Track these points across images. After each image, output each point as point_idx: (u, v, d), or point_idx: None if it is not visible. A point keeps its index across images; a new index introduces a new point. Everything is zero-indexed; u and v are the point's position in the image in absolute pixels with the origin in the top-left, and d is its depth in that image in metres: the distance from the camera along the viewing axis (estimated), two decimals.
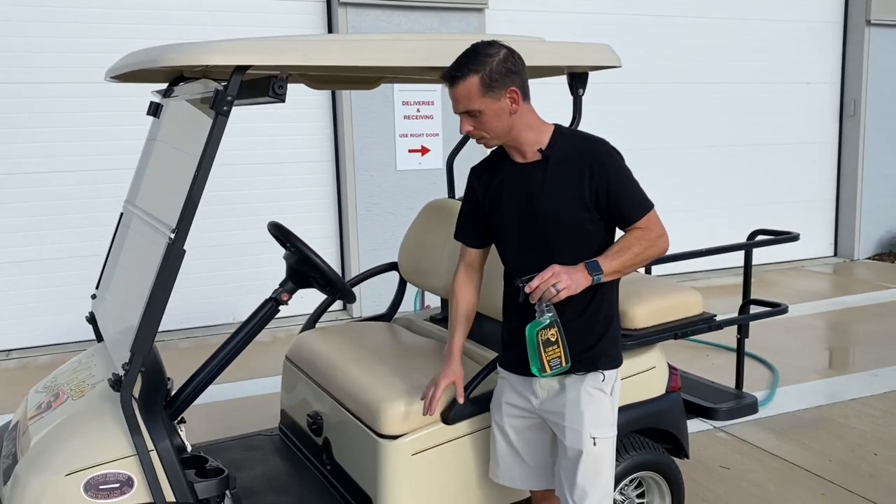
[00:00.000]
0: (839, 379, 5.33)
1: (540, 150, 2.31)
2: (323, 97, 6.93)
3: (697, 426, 4.30)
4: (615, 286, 2.43)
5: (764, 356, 5.60)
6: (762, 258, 8.47)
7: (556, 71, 2.97)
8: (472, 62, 2.17)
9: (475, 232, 2.53)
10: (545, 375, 2.25)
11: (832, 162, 9.47)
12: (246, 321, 2.66)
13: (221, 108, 2.19)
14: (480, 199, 2.47)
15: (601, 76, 3.79)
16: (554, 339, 2.19)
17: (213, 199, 6.20)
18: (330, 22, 6.81)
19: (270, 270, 6.36)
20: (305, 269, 2.70)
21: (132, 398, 2.23)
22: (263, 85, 2.25)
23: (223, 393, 4.95)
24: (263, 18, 6.59)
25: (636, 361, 2.91)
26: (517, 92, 2.21)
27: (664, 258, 3.23)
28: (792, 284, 8.17)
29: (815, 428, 4.43)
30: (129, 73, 2.58)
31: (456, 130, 6.58)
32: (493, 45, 2.22)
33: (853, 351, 6.17)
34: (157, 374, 2.33)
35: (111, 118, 6.21)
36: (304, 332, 3.47)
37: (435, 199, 3.72)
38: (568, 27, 7.62)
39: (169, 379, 2.46)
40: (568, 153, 2.29)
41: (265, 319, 2.68)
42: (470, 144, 3.98)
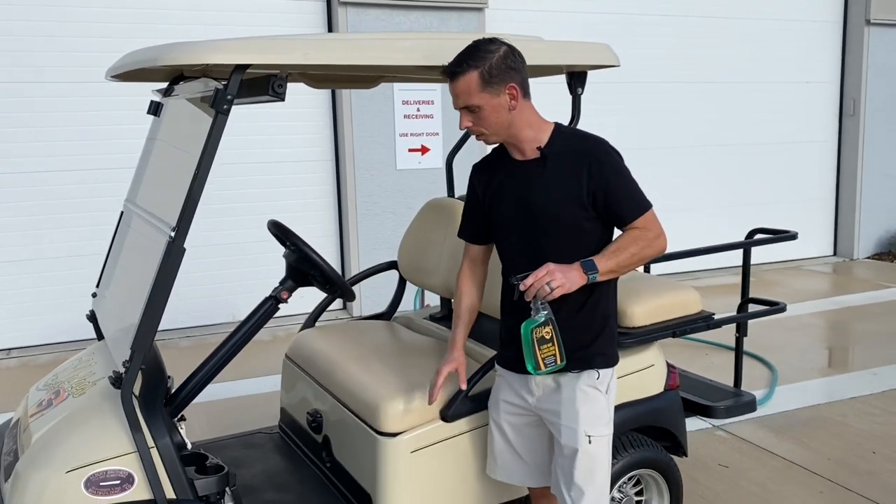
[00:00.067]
0: (838, 378, 5.34)
1: (539, 148, 2.32)
2: (323, 96, 6.94)
3: (696, 425, 4.31)
4: (613, 285, 2.43)
5: (763, 355, 5.61)
6: (762, 257, 8.48)
7: (554, 70, 2.98)
8: (472, 58, 2.19)
9: (477, 229, 2.54)
10: (540, 373, 2.25)
11: (832, 161, 9.48)
12: (246, 319, 2.67)
13: (221, 106, 2.19)
14: (480, 196, 2.48)
15: (601, 75, 3.80)
16: (549, 336, 2.19)
17: (213, 198, 6.22)
18: (330, 21, 6.82)
19: (270, 269, 6.36)
20: (305, 267, 2.71)
21: (133, 395, 2.24)
22: (263, 84, 2.26)
23: (223, 391, 4.95)
24: (264, 18, 6.60)
25: (634, 359, 2.91)
26: (516, 88, 2.22)
27: (663, 257, 3.24)
28: (791, 284, 8.18)
29: (813, 426, 4.44)
30: (129, 72, 2.59)
31: (456, 130, 6.62)
32: (493, 41, 2.23)
33: (852, 350, 6.18)
34: (157, 371, 2.33)
35: (111, 117, 6.22)
36: (303, 330, 3.48)
37: (434, 197, 3.73)
38: (567, 27, 7.63)
39: (169, 377, 2.46)
40: (567, 151, 2.30)
41: (265, 318, 2.68)
42: (469, 144, 3.99)
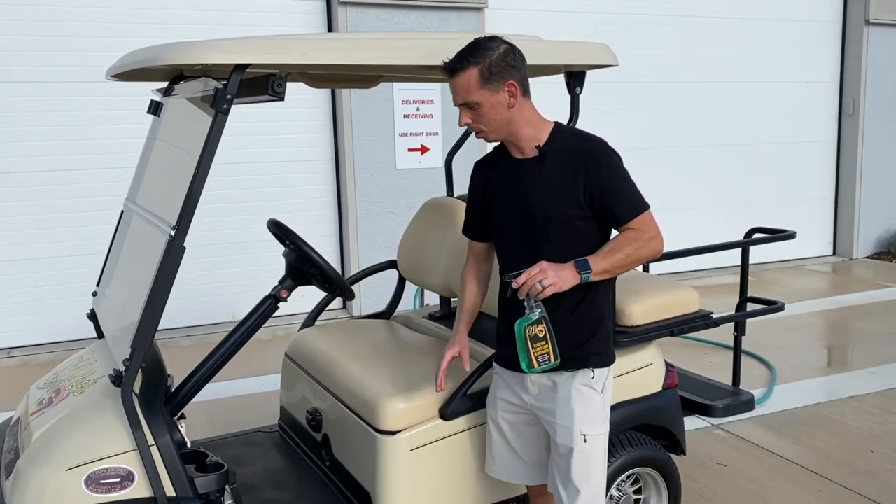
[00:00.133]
0: (837, 377, 5.35)
1: (537, 146, 2.33)
2: (323, 96, 6.95)
3: (695, 424, 4.32)
4: (610, 285, 2.44)
5: (762, 354, 5.62)
6: (761, 257, 8.48)
7: (553, 70, 2.99)
8: (472, 55, 2.20)
9: (480, 226, 2.55)
10: (534, 371, 2.25)
11: (831, 161, 9.49)
12: (245, 318, 2.67)
13: (221, 106, 2.20)
14: (481, 194, 2.50)
15: (600, 75, 3.81)
16: (542, 335, 2.20)
17: (212, 197, 6.21)
18: (330, 21, 6.82)
19: (270, 269, 6.37)
20: (304, 266, 2.72)
21: (133, 394, 2.24)
22: (263, 83, 2.27)
23: (223, 391, 4.96)
24: (263, 18, 6.61)
25: (633, 358, 2.92)
26: (515, 86, 2.23)
27: (662, 256, 3.25)
28: (791, 283, 8.18)
29: (812, 425, 4.45)
30: (129, 71, 2.59)
31: (455, 130, 6.62)
32: (494, 39, 2.25)
33: (851, 349, 6.19)
34: (157, 369, 2.34)
35: (111, 117, 6.23)
36: (303, 329, 3.49)
37: (433, 197, 3.73)
38: (567, 27, 7.64)
39: (169, 376, 2.47)
40: (565, 150, 2.31)
41: (264, 316, 2.69)
42: (469, 143, 3.99)
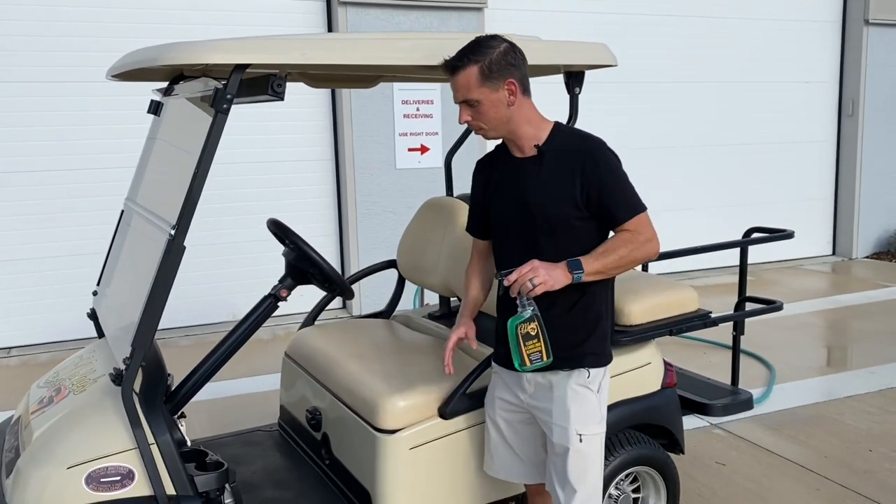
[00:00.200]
0: (836, 376, 5.36)
1: (536, 145, 2.34)
2: (323, 96, 6.96)
3: (694, 423, 4.32)
4: (609, 285, 2.44)
5: (761, 354, 5.63)
6: (760, 257, 8.49)
7: (552, 70, 2.99)
8: (472, 53, 2.22)
9: (481, 225, 2.56)
10: (525, 369, 2.26)
11: (831, 161, 9.50)
12: (245, 317, 2.68)
13: (221, 106, 2.21)
14: (481, 192, 2.51)
15: (600, 75, 3.81)
16: (534, 333, 2.20)
17: (212, 197, 6.21)
18: (330, 21, 6.83)
19: (270, 268, 6.38)
20: (304, 265, 2.73)
21: (133, 392, 2.25)
22: (263, 83, 2.28)
23: (223, 390, 4.97)
24: (264, 18, 6.62)
25: (631, 357, 2.93)
26: (515, 84, 2.24)
27: (661, 256, 3.25)
28: (790, 283, 8.19)
29: (811, 425, 4.45)
30: (129, 71, 2.60)
31: (455, 129, 6.63)
32: (495, 38, 2.27)
33: (850, 349, 6.20)
34: (157, 368, 2.35)
35: (111, 117, 6.23)
36: (303, 328, 3.50)
37: (433, 196, 3.74)
38: (567, 27, 7.64)
39: (169, 375, 2.48)
40: (563, 150, 2.31)
41: (264, 315, 2.70)
42: (469, 143, 4.00)
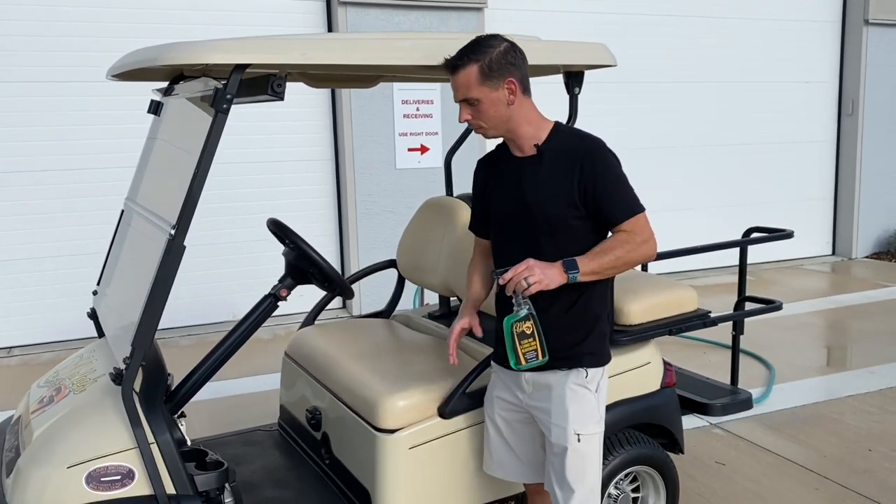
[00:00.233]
0: (835, 376, 5.36)
1: (536, 145, 2.34)
2: (323, 96, 6.96)
3: (693, 423, 4.33)
4: (608, 285, 2.45)
5: (761, 354, 5.63)
6: (760, 256, 8.49)
7: (551, 70, 2.99)
8: (473, 52, 2.23)
9: (482, 223, 2.57)
10: (521, 368, 2.26)
11: (830, 161, 9.50)
12: (245, 317, 2.68)
13: (221, 106, 2.21)
14: (482, 191, 2.52)
15: (599, 75, 3.82)
16: (529, 331, 2.20)
17: (212, 197, 6.21)
18: (330, 21, 6.83)
19: (270, 268, 6.38)
20: (304, 265, 2.73)
21: (133, 392, 2.25)
22: (262, 83, 2.28)
23: (223, 390, 4.98)
24: (264, 18, 6.62)
25: (631, 357, 2.93)
26: (515, 84, 2.25)
27: (660, 256, 3.25)
28: (790, 283, 8.19)
29: (810, 424, 4.46)
30: (129, 71, 2.61)
31: (455, 129, 6.63)
32: (496, 37, 2.27)
33: (850, 348, 6.20)
34: (157, 368, 2.35)
35: (112, 117, 6.24)
36: (303, 328, 3.50)
37: (433, 196, 3.74)
38: (567, 27, 7.64)
39: (169, 374, 2.48)
40: (562, 149, 2.32)
41: (264, 315, 2.70)
42: (469, 143, 4.01)
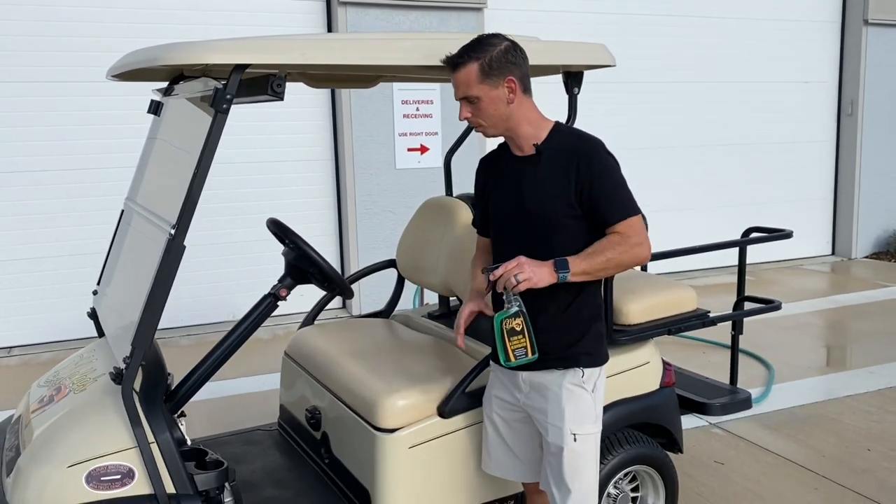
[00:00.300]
0: (835, 376, 5.37)
1: (535, 144, 2.35)
2: (323, 96, 6.96)
3: (693, 422, 4.33)
4: (607, 285, 2.45)
5: (760, 353, 5.64)
6: (760, 256, 8.49)
7: (551, 70, 3.00)
8: (474, 50, 2.24)
9: (483, 221, 2.58)
10: (510, 364, 2.26)
11: (830, 161, 9.50)
12: (245, 317, 2.68)
13: (221, 106, 2.22)
14: (482, 190, 2.53)
15: (599, 75, 3.82)
16: (519, 328, 2.20)
17: (212, 197, 6.23)
18: (330, 21, 6.84)
19: (270, 268, 6.39)
20: (304, 265, 2.73)
21: (133, 391, 2.26)
22: (262, 83, 2.29)
23: (223, 389, 4.98)
24: (264, 18, 6.63)
25: (630, 357, 2.94)
26: (515, 82, 2.26)
27: (660, 255, 3.26)
28: (789, 283, 8.20)
29: (809, 424, 4.46)
30: (129, 71, 2.61)
31: (454, 129, 6.64)
32: (497, 36, 2.29)
33: (849, 348, 6.21)
34: (157, 367, 2.35)
35: (112, 117, 6.24)
36: (302, 328, 3.51)
37: (432, 196, 3.74)
38: (566, 27, 7.65)
39: (169, 374, 2.49)
40: (560, 149, 2.32)
41: (264, 315, 2.70)
42: (468, 143, 4.01)
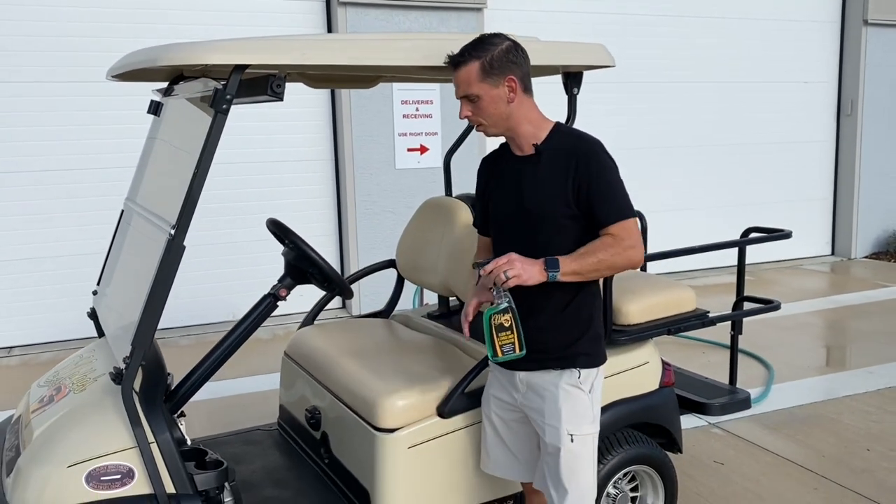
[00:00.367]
0: (834, 376, 5.37)
1: (534, 144, 2.35)
2: (322, 96, 6.97)
3: (692, 422, 4.33)
4: (605, 286, 2.45)
5: (760, 353, 5.64)
6: (760, 256, 8.49)
7: (550, 70, 3.00)
8: (475, 49, 2.25)
9: (484, 221, 2.58)
10: (497, 360, 2.27)
11: (830, 161, 9.50)
12: (244, 317, 2.69)
13: (221, 106, 2.22)
14: (483, 189, 2.54)
15: (599, 75, 3.82)
16: (508, 324, 2.21)
17: (212, 197, 6.22)
18: (329, 21, 6.84)
19: (270, 268, 6.38)
20: (303, 265, 2.74)
21: (133, 391, 2.26)
22: (262, 84, 2.29)
23: (223, 389, 4.98)
24: (263, 18, 6.63)
25: (629, 357, 2.94)
26: (515, 82, 2.26)
27: (659, 255, 3.26)
28: (789, 283, 8.20)
29: (809, 424, 4.46)
30: (129, 72, 2.61)
31: (454, 129, 6.63)
32: (498, 36, 2.29)
33: (849, 348, 6.21)
34: (157, 367, 2.36)
35: (111, 117, 6.24)
36: (302, 328, 3.51)
37: (432, 196, 3.74)
38: (565, 27, 7.65)
39: (169, 374, 2.49)
40: (560, 149, 2.33)
41: (263, 315, 2.70)
42: (468, 143, 4.01)
